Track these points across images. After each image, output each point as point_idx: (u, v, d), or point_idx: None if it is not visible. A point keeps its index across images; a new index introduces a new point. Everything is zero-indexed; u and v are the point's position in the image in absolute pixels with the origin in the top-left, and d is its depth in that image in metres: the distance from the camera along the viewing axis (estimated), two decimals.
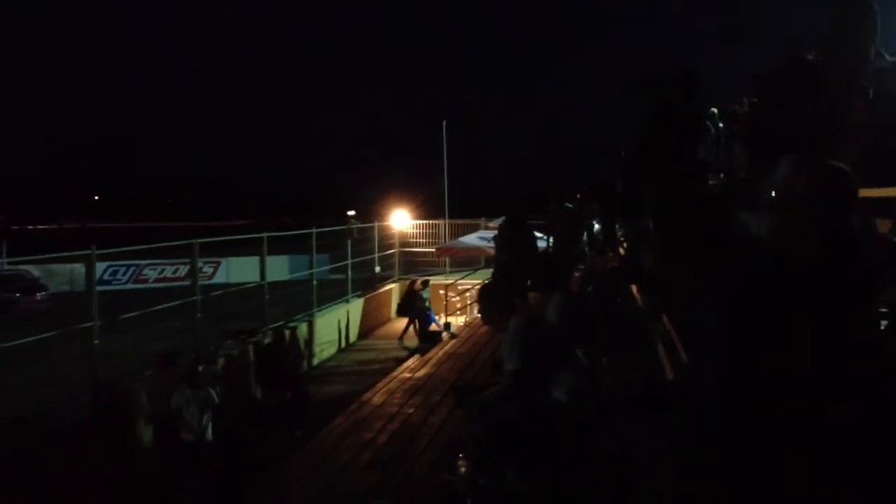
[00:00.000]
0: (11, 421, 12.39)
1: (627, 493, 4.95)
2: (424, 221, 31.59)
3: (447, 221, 31.21)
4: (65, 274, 30.78)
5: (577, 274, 13.67)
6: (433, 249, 28.45)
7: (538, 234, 20.81)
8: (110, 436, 12.44)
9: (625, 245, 13.51)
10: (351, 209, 44.88)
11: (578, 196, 17.32)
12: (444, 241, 29.10)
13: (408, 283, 24.58)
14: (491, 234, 24.44)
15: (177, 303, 15.95)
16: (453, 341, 16.92)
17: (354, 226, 28.29)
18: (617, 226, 14.83)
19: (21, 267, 29.82)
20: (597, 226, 18.13)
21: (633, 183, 8.57)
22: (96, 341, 13.43)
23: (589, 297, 9.98)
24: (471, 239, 25.74)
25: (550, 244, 15.07)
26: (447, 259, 27.80)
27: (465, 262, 27.28)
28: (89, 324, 13.57)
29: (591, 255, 15.60)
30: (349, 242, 25.04)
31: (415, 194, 38.14)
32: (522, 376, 5.90)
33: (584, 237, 17.23)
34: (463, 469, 6.04)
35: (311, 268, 20.89)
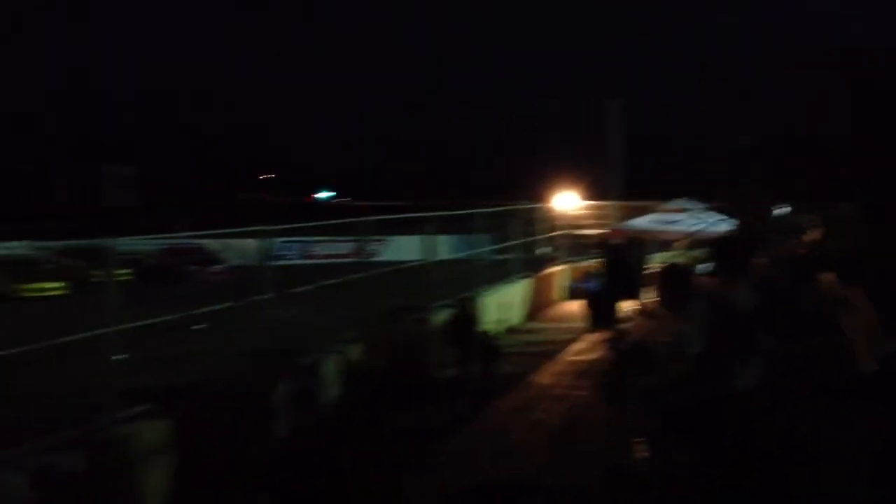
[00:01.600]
0: (183, 386, 13.21)
1: (813, 481, 4.90)
2: (593, 202, 31.42)
3: (618, 203, 30.90)
4: (241, 248, 32.47)
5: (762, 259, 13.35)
6: (602, 231, 28.24)
7: (717, 216, 20.34)
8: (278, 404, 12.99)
9: (810, 230, 13.09)
10: (516, 189, 45.05)
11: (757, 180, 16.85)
12: (614, 224, 28.84)
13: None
14: (667, 217, 24.04)
15: (358, 275, 16.51)
16: (626, 325, 16.87)
17: (520, 206, 28.44)
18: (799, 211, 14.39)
19: (201, 241, 31.65)
20: (780, 210, 17.59)
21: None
22: (274, 312, 14.11)
23: (775, 281, 9.77)
24: (642, 222, 25.47)
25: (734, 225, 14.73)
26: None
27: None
28: (263, 296, 14.26)
29: (776, 238, 15.18)
30: (515, 223, 25.23)
31: (581, 174, 37.81)
32: (704, 360, 5.91)
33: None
34: (639, 452, 6.11)
35: (476, 248, 21.17)
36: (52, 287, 26.62)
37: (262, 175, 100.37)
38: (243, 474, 10.19)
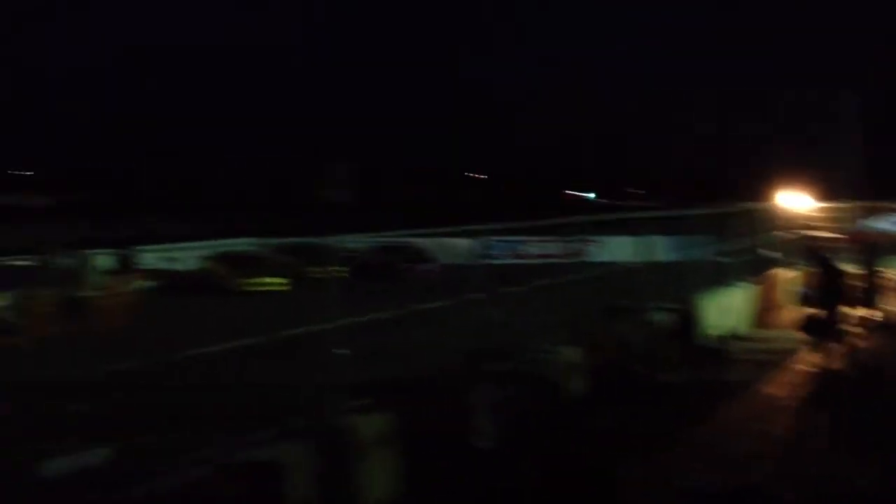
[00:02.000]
0: (400, 382, 13.46)
1: None
2: (825, 202, 29.73)
3: (852, 203, 29.09)
4: (454, 246, 33.15)
5: None
6: (838, 235, 26.67)
7: None
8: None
9: None
10: (737, 186, 43.36)
11: None
12: (849, 225, 27.17)
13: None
14: None
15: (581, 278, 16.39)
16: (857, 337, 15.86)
17: (742, 206, 27.29)
18: None
19: (414, 239, 32.52)
20: None
21: None
22: (487, 311, 14.17)
23: None
24: (881, 223, 23.91)
25: None
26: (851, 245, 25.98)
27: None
28: (477, 295, 14.34)
29: None
30: (738, 224, 24.24)
31: (809, 171, 35.89)
32: None
33: None
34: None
35: (695, 249, 20.43)
36: (275, 282, 27.99)
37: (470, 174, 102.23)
38: (462, 470, 10.25)
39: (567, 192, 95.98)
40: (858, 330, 17.54)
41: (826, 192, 32.18)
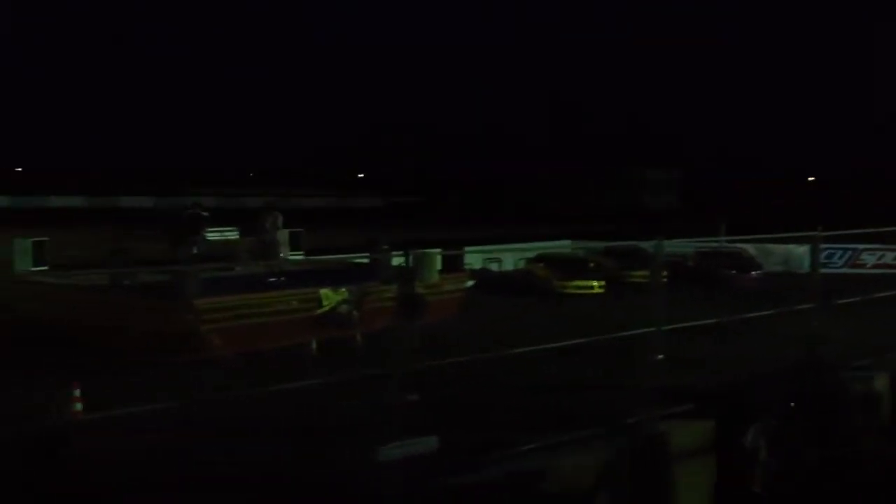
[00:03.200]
0: (719, 390, 13.13)
1: None
2: None
3: None
4: (780, 254, 31.66)
5: None
6: None
7: None
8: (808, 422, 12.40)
9: None
10: None
11: None
12: None
13: None
14: None
15: None
16: None
17: None
18: None
19: (738, 245, 31.43)
20: None
21: None
22: (815, 323, 13.55)
23: None
24: None
25: None
26: None
27: None
28: (805, 305, 13.73)
29: None
30: None
31: None
32: None
33: None
34: None
35: None
36: (593, 285, 28.20)
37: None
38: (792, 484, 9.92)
39: None
40: None
41: None
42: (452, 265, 21.92)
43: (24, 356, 16.21)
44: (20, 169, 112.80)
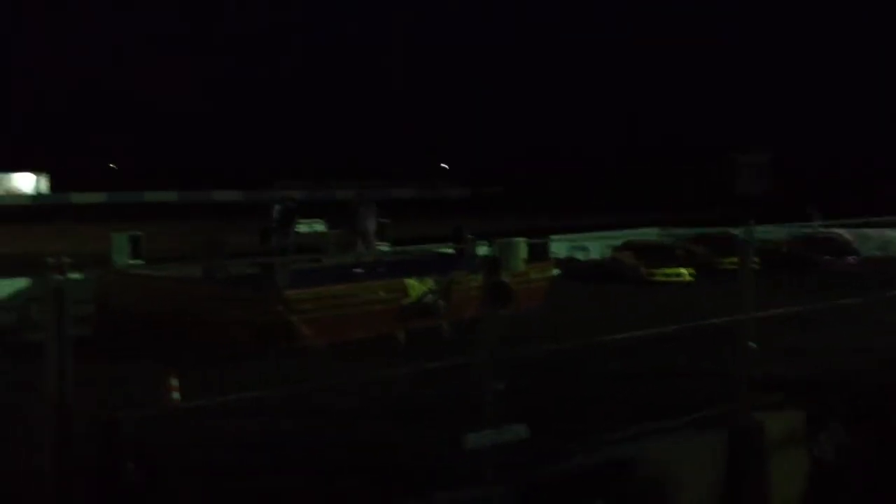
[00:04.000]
0: (811, 380, 12.83)
1: None
2: None
3: None
4: (877, 238, 30.76)
5: None
6: None
7: None
8: None
9: None
10: None
11: None
12: None
13: None
14: None
15: None
16: None
17: None
18: None
19: (835, 230, 30.67)
20: None
21: None
22: None
23: None
24: None
25: None
26: None
27: None
28: None
29: None
30: None
31: None
32: None
33: None
34: None
35: None
36: (682, 272, 27.85)
37: None
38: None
39: None
40: None
41: None
42: (538, 254, 21.88)
43: (123, 347, 16.77)
44: (114, 166, 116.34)
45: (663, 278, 27.60)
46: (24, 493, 7.67)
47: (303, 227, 24.27)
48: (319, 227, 25.30)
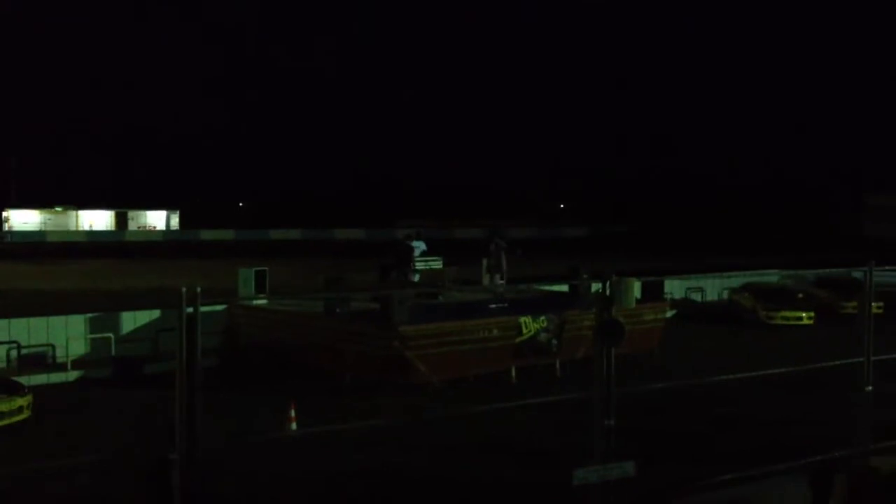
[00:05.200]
0: None
1: None
2: None
3: None
4: None
5: None
6: None
7: None
8: None
9: None
10: None
11: None
12: None
13: None
14: None
15: None
16: None
17: None
18: None
19: None
20: None
21: None
22: None
23: None
24: None
25: None
26: None
27: None
28: None
29: None
30: None
31: None
32: None
33: None
34: None
35: None
36: (802, 316, 27.17)
37: None
38: None
39: None
40: None
41: None
42: (653, 294, 21.72)
43: (247, 376, 17.44)
44: (242, 204, 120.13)
45: (782, 321, 26.98)
46: None
47: (419, 265, 24.77)
48: (436, 264, 25.74)
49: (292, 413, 13.41)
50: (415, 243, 24.87)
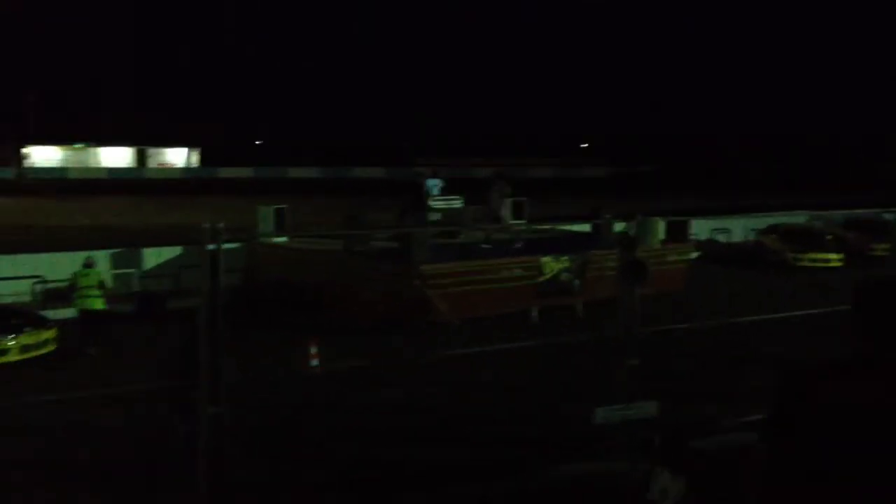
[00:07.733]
0: None
1: None
2: None
3: None
4: None
5: None
6: None
7: None
8: None
9: None
10: None
11: None
12: None
13: None
14: None
15: None
16: None
17: None
18: None
19: None
20: None
21: None
22: None
23: None
24: None
25: None
26: None
27: None
28: None
29: None
30: None
31: None
32: None
33: None
34: None
35: None
36: (830, 258, 26.97)
37: None
38: None
39: None
40: None
41: None
42: (677, 235, 21.62)
43: (267, 314, 17.58)
44: (259, 142, 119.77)
45: (809, 263, 26.80)
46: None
47: (439, 204, 24.66)
48: (457, 203, 25.64)
49: (313, 350, 13.53)
50: (430, 182, 24.42)
